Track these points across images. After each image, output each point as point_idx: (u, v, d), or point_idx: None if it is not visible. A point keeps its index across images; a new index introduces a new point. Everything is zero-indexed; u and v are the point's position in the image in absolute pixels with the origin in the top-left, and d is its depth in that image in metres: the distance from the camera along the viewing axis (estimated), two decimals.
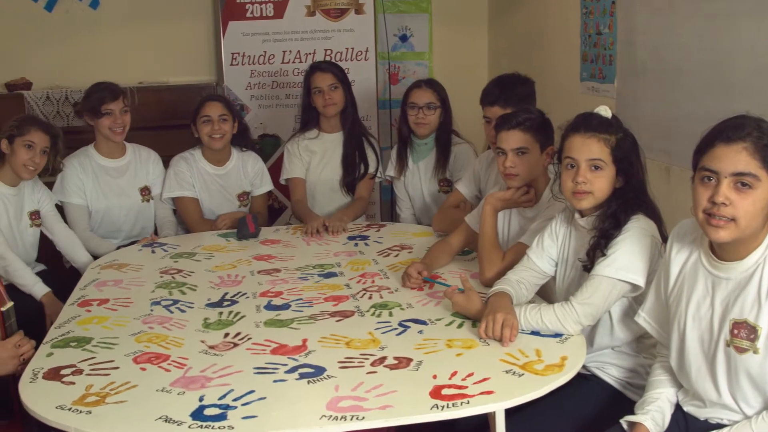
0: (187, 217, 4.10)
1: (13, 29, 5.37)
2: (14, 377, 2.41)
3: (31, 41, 5.40)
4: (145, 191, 4.14)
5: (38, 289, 3.54)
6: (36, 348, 2.49)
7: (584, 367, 2.44)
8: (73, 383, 2.24)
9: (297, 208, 4.21)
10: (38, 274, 3.72)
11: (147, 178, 4.16)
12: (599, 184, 2.48)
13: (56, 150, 3.68)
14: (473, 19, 6.03)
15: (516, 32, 5.54)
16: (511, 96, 3.43)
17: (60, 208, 3.96)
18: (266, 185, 4.32)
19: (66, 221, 3.95)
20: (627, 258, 2.42)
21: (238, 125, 4.16)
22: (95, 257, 3.74)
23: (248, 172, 4.24)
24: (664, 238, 2.47)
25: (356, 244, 3.62)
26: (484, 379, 2.17)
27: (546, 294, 2.81)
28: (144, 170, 4.15)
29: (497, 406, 2.11)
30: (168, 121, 5.08)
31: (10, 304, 2.50)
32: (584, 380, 2.54)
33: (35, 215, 3.77)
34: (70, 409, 2.08)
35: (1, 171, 3.63)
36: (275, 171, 4.43)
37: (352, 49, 5.44)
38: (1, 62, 5.34)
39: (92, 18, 5.47)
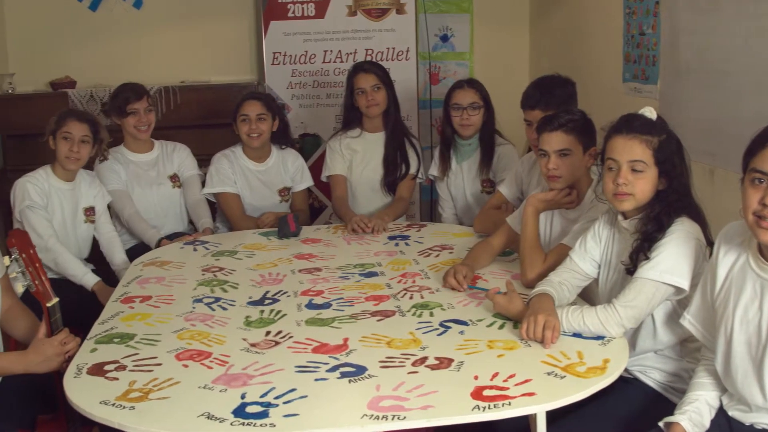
0: (229, 212, 4.15)
1: (58, 28, 5.46)
2: (58, 372, 2.44)
3: (75, 40, 5.48)
4: (175, 178, 4.24)
5: (89, 279, 3.61)
6: (80, 344, 2.52)
7: (626, 370, 2.42)
8: (117, 379, 2.26)
9: (337, 205, 4.22)
10: None
11: (173, 165, 4.26)
12: (641, 186, 2.46)
13: (99, 138, 3.75)
14: (515, 19, 6.01)
15: (558, 32, 5.51)
16: (551, 99, 3.40)
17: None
18: (306, 181, 4.36)
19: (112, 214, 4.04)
20: (671, 261, 2.39)
21: (279, 123, 4.19)
22: (139, 241, 3.95)
23: (288, 169, 4.28)
24: (709, 242, 2.44)
25: (397, 244, 3.62)
26: (526, 381, 2.16)
27: (588, 296, 2.79)
28: (170, 160, 4.26)
29: (539, 408, 2.09)
30: (210, 119, 5.14)
31: (55, 300, 2.53)
32: (626, 384, 2.52)
33: (90, 211, 3.84)
34: (113, 405, 2.09)
35: (56, 167, 3.72)
36: (316, 170, 4.45)
37: (393, 48, 5.45)
38: (45, 61, 5.43)
39: (136, 17, 5.54)
